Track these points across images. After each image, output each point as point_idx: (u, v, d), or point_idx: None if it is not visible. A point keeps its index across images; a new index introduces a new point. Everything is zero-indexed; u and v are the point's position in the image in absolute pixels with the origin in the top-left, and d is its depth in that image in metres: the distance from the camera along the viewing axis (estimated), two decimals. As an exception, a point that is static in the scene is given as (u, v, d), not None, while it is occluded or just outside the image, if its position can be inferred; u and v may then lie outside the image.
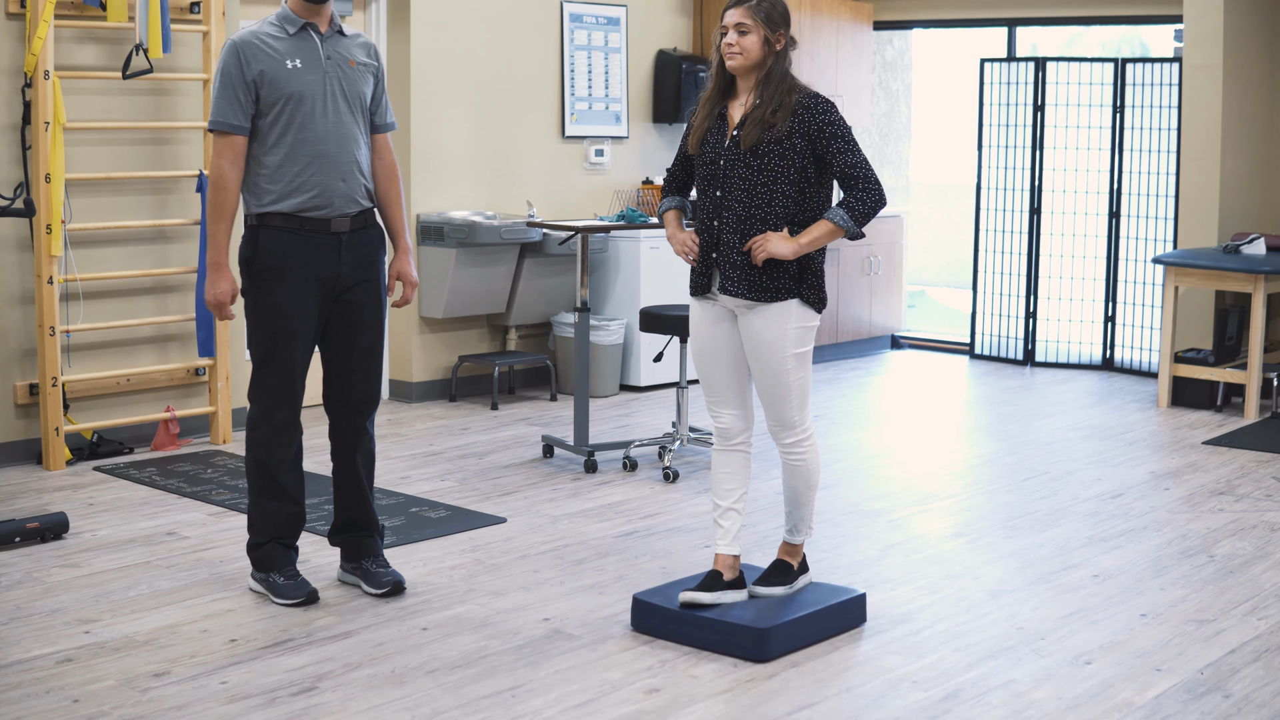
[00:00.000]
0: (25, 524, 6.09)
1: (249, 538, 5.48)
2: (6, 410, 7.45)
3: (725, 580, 5.13)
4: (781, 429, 5.09)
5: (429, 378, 9.44)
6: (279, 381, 5.32)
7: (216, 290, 5.28)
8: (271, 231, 5.22)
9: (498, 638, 5.05)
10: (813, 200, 4.99)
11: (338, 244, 5.30)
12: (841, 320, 11.27)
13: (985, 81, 11.19)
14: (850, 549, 6.19)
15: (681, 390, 7.71)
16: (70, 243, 7.46)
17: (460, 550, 6.12)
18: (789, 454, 5.11)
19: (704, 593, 5.08)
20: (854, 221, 4.89)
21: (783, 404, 5.04)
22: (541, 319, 9.83)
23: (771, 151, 4.90)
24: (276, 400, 5.33)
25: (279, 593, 5.34)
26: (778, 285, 4.95)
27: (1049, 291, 11.06)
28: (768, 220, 4.93)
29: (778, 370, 4.99)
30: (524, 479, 7.38)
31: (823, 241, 4.94)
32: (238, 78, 5.15)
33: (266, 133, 5.21)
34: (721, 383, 5.13)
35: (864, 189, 4.90)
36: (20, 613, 5.27)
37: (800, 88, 4.98)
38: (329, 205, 5.26)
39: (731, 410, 5.12)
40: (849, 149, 4.92)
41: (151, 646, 4.93)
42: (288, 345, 5.28)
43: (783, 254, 4.89)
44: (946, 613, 5.37)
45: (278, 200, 5.21)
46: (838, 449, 8.17)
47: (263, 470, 5.37)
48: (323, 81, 5.24)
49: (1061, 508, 6.90)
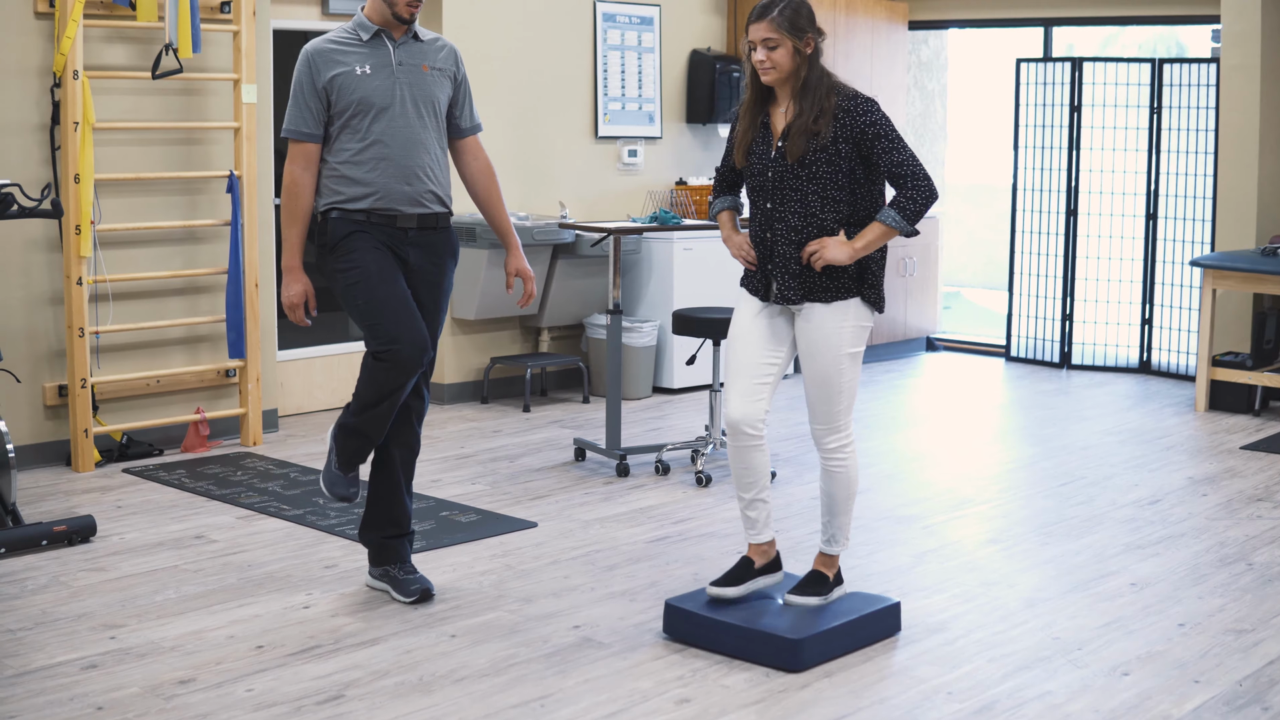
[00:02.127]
0: (52, 527, 6.06)
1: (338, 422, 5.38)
2: (36, 412, 7.42)
3: (757, 567, 5.09)
4: (827, 432, 5.01)
5: (461, 379, 9.39)
6: (394, 317, 5.17)
7: (290, 293, 5.28)
8: (339, 221, 5.26)
9: (527, 645, 4.99)
10: (865, 200, 4.93)
11: (403, 238, 5.31)
12: (877, 322, 11.09)
13: (1021, 82, 11.08)
14: (884, 555, 6.12)
15: (714, 393, 7.64)
16: (99, 243, 7.43)
17: (490, 555, 6.06)
18: (831, 459, 5.04)
19: (731, 587, 5.03)
20: (906, 220, 4.82)
21: (831, 405, 4.97)
22: (574, 320, 9.77)
23: (818, 160, 4.84)
24: (399, 321, 5.16)
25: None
26: (838, 285, 4.91)
27: (1085, 294, 10.95)
28: (823, 227, 4.88)
29: (831, 369, 4.92)
30: (555, 483, 7.32)
31: (878, 243, 4.88)
32: (309, 86, 5.22)
33: (336, 136, 5.26)
34: (752, 367, 4.99)
35: (913, 185, 4.82)
36: (46, 617, 5.23)
37: (839, 88, 4.90)
38: (393, 208, 5.27)
39: (753, 400, 4.96)
40: (894, 146, 4.84)
41: (177, 653, 4.89)
42: (384, 286, 5.19)
43: (840, 260, 4.83)
44: (981, 621, 5.29)
45: (346, 200, 5.26)
46: (873, 453, 8.09)
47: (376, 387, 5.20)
48: (392, 87, 5.25)
49: (1098, 514, 6.81)
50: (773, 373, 5.02)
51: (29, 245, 7.30)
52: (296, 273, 5.27)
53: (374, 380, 5.23)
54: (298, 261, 5.28)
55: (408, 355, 5.17)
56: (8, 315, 7.25)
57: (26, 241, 7.28)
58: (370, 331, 5.22)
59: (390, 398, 5.23)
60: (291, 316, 5.30)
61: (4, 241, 7.17)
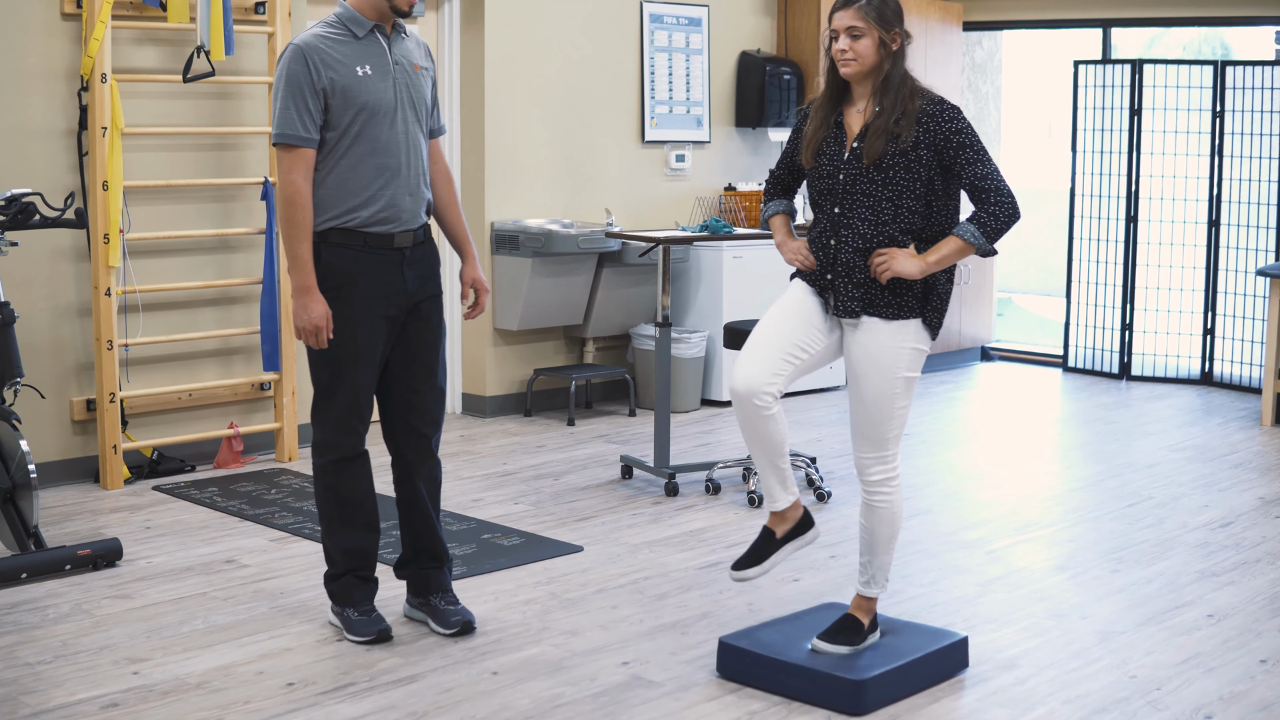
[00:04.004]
0: (76, 551, 5.81)
1: (326, 569, 5.17)
2: (63, 427, 7.18)
3: (779, 537, 4.72)
4: (872, 462, 4.65)
5: (503, 391, 9.12)
6: (347, 407, 4.97)
7: (311, 315, 4.81)
8: (334, 249, 4.87)
9: (573, 684, 4.71)
10: (940, 214, 4.57)
11: (401, 260, 4.95)
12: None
13: (1079, 84, 10.76)
14: (948, 584, 5.81)
15: (765, 409, 7.34)
16: (129, 253, 7.18)
17: (535, 582, 5.78)
18: (875, 493, 4.68)
19: (753, 567, 4.72)
20: (985, 237, 4.48)
21: (881, 430, 4.61)
22: (620, 330, 9.49)
23: (896, 164, 4.49)
24: (344, 427, 4.99)
25: (352, 629, 5.05)
26: (901, 302, 4.55)
27: (1145, 303, 10.61)
28: (892, 238, 4.53)
29: (884, 392, 4.57)
30: (602, 502, 7.03)
31: (951, 260, 4.52)
32: (307, 86, 4.74)
33: (334, 144, 4.83)
34: (781, 342, 4.58)
35: (996, 202, 4.47)
36: (66, 650, 4.97)
37: (922, 91, 4.55)
38: (395, 220, 4.91)
39: (768, 372, 4.54)
40: (979, 159, 4.49)
41: (203, 690, 4.62)
42: (355, 368, 4.92)
43: (909, 273, 4.48)
44: (1054, 658, 4.98)
45: (344, 216, 4.85)
46: (930, 470, 7.79)
47: (335, 498, 5.05)
48: (393, 90, 4.88)
49: (1169, 538, 6.49)
50: (801, 359, 4.61)
51: (56, 255, 7.05)
52: (314, 292, 4.82)
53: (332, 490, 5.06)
54: (313, 280, 4.83)
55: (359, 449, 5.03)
56: (34, 327, 7.00)
57: (53, 251, 7.04)
58: (319, 412, 5.02)
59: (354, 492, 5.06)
60: (310, 341, 4.87)
61: (30, 251, 6.92)
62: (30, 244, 6.93)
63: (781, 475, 4.65)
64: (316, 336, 4.83)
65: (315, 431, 5.05)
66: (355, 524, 5.06)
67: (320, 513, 5.12)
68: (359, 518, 5.06)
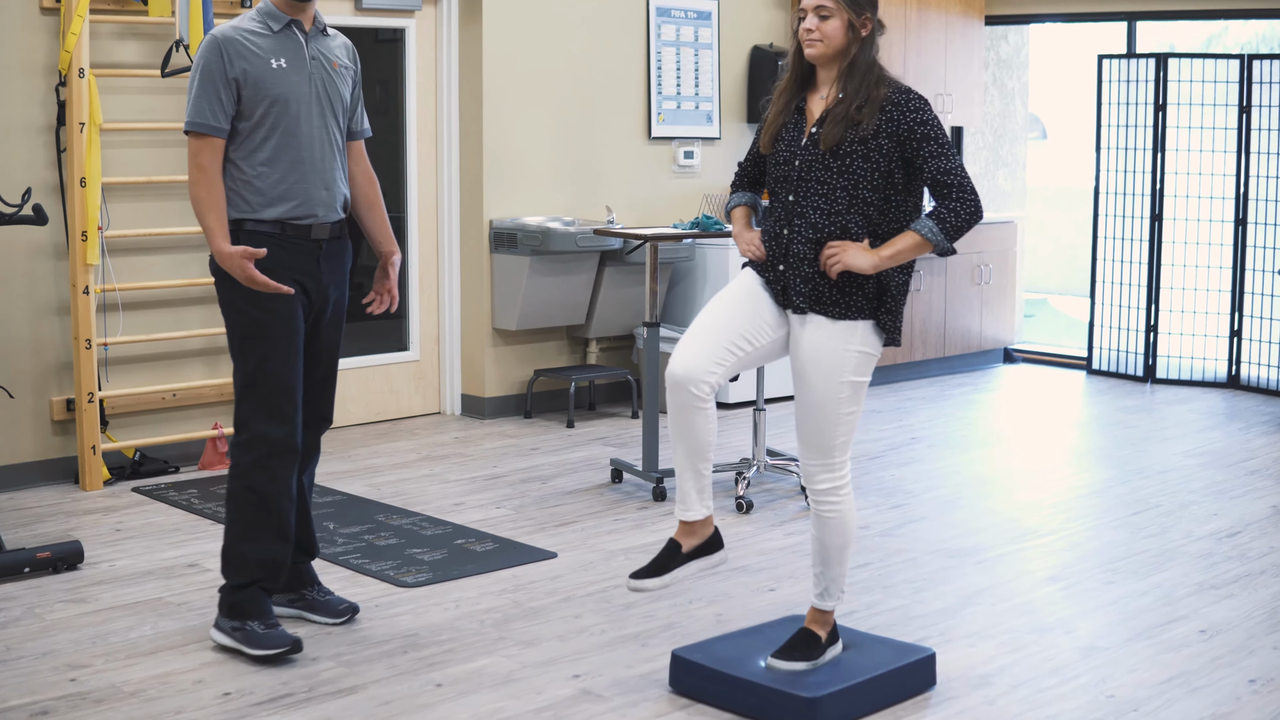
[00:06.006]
0: (36, 553, 5.67)
1: (226, 579, 4.90)
2: (43, 427, 7.05)
3: (685, 551, 4.44)
4: (818, 470, 4.41)
5: (503, 393, 8.95)
6: (274, 394, 4.80)
7: (228, 262, 4.65)
8: (252, 235, 4.74)
9: (518, 698, 4.52)
10: (898, 210, 4.34)
11: (317, 252, 4.85)
12: (950, 332, 10.63)
13: (1103, 79, 10.50)
14: (929, 595, 5.59)
15: (758, 411, 7.15)
16: (108, 250, 7.06)
17: (500, 590, 5.60)
18: (822, 503, 4.45)
19: (651, 579, 4.42)
20: (944, 235, 4.24)
21: (826, 436, 4.37)
22: (624, 331, 9.30)
23: (854, 152, 4.27)
24: (274, 416, 4.80)
25: (257, 643, 4.74)
26: (850, 301, 4.31)
27: (1171, 303, 10.35)
28: (846, 230, 4.29)
29: (828, 396, 4.33)
30: (586, 507, 6.85)
31: (906, 256, 4.29)
32: (220, 75, 4.67)
33: (247, 136, 4.74)
34: (725, 333, 4.34)
35: (958, 199, 4.24)
36: (9, 655, 4.83)
37: (889, 80, 4.33)
38: (311, 215, 4.81)
39: (707, 361, 4.29)
40: (942, 153, 4.26)
41: (137, 699, 4.47)
42: (282, 353, 4.78)
43: (860, 267, 4.24)
44: (1029, 675, 4.75)
45: (259, 209, 4.75)
46: (934, 475, 7.56)
47: (255, 500, 4.83)
48: (308, 84, 4.79)
49: (1171, 548, 6.25)
50: (744, 350, 4.37)
51: (34, 252, 6.93)
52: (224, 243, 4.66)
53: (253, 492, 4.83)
54: (227, 239, 4.67)
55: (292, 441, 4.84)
56: (12, 325, 6.88)
57: (31, 248, 6.91)
58: (244, 405, 4.84)
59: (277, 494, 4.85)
60: (247, 282, 4.66)
61: (6, 248, 6.81)
62: (7, 241, 6.82)
63: (700, 482, 4.41)
64: (246, 273, 4.64)
65: (239, 430, 4.86)
66: (274, 532, 4.86)
67: (233, 517, 4.88)
68: (277, 525, 4.86)
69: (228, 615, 4.84)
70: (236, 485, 4.86)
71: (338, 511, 6.67)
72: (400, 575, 5.74)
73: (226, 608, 4.85)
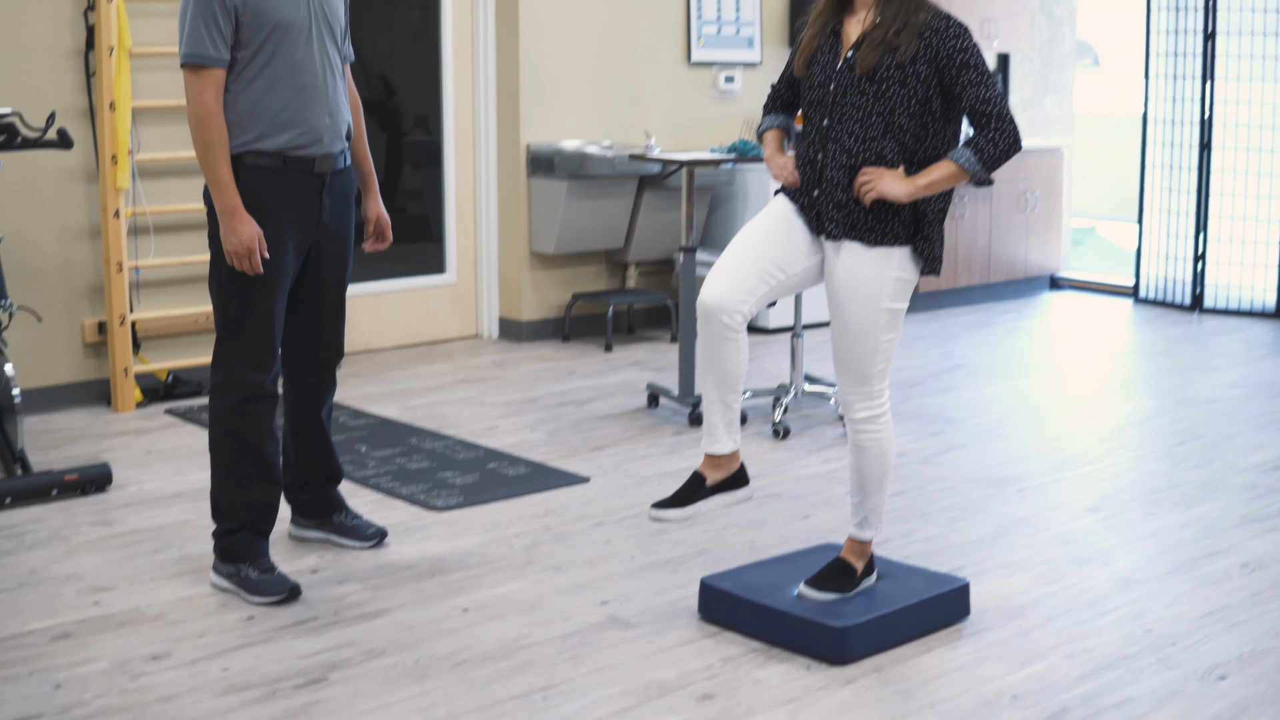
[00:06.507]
0: (64, 476, 5.64)
1: (216, 525, 4.78)
2: (74, 350, 7.02)
3: (710, 484, 4.34)
4: (857, 399, 4.32)
5: (540, 316, 8.87)
6: (257, 342, 4.65)
7: (241, 237, 4.48)
8: (252, 170, 4.57)
9: (544, 624, 4.46)
10: (935, 138, 4.21)
11: (320, 186, 4.69)
12: (995, 259, 10.49)
13: (1152, 6, 10.29)
14: (966, 525, 5.50)
15: (796, 338, 7.04)
16: (139, 174, 7.00)
17: (530, 514, 5.54)
18: (861, 431, 4.35)
19: (674, 509, 4.33)
20: (982, 165, 4.10)
21: (864, 364, 4.26)
22: (664, 255, 9.20)
23: (891, 78, 4.13)
24: (255, 363, 4.65)
25: (254, 589, 4.62)
26: (886, 227, 4.19)
27: (1219, 233, 10.16)
28: (881, 156, 4.17)
29: (866, 323, 4.23)
30: (621, 432, 6.78)
31: (942, 185, 4.16)
32: (218, 4, 4.45)
33: (246, 64, 4.53)
34: (757, 262, 4.22)
35: (996, 128, 4.09)
36: (33, 578, 4.80)
37: (929, 6, 4.18)
38: (316, 143, 4.63)
39: (739, 290, 4.18)
40: (981, 81, 4.11)
41: (160, 622, 4.43)
42: (266, 299, 4.61)
43: (895, 195, 4.12)
44: (1065, 608, 4.66)
45: (259, 139, 4.56)
46: (975, 403, 7.46)
47: (237, 445, 4.68)
48: (306, 8, 4.60)
49: (1214, 479, 6.13)
50: (777, 279, 4.25)
51: (64, 176, 6.87)
52: (241, 213, 4.51)
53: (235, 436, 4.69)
54: (238, 201, 4.51)
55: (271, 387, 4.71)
56: (43, 249, 6.84)
57: (61, 173, 6.86)
58: (224, 348, 4.67)
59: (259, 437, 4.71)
60: (243, 266, 4.54)
61: (38, 173, 6.76)
62: (38, 166, 6.78)
63: (729, 414, 4.31)
64: (250, 259, 4.51)
65: (217, 371, 4.68)
66: (259, 475, 4.73)
67: (218, 462, 4.73)
68: (263, 468, 4.73)
69: (223, 560, 4.73)
70: (218, 431, 4.71)
71: (370, 434, 6.62)
72: (431, 499, 5.69)
73: (220, 552, 4.74)
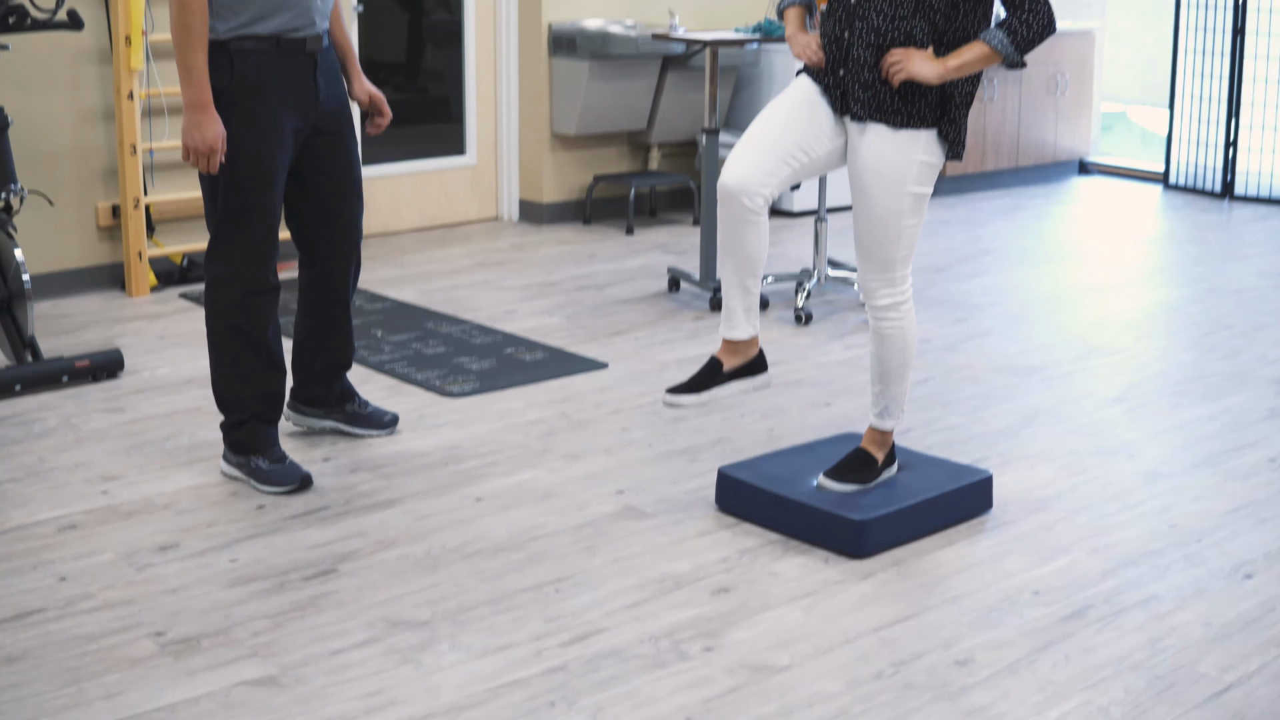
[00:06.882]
0: (74, 362, 5.56)
1: (223, 417, 4.69)
2: (88, 233, 6.93)
3: (726, 370, 4.24)
4: (879, 285, 4.21)
5: (561, 198, 8.75)
6: (257, 234, 4.50)
7: (205, 135, 4.29)
8: (247, 55, 4.39)
9: (559, 513, 4.39)
10: (966, 18, 4.05)
11: (313, 66, 4.53)
12: (1023, 142, 10.31)
13: (1189, -121, 10.05)
14: (990, 414, 5.41)
15: (820, 222, 6.92)
16: (153, 55, 6.85)
17: (547, 401, 5.46)
18: (883, 319, 4.25)
19: (689, 395, 4.23)
20: (1015, 47, 3.96)
21: (887, 250, 4.15)
22: (687, 136, 9.05)
23: None
24: (258, 256, 4.52)
25: (265, 479, 4.55)
26: (913, 109, 4.05)
27: (1252, 119, 9.96)
28: (910, 36, 4.02)
29: (889, 208, 4.10)
30: (640, 316, 6.68)
31: (974, 68, 4.01)
32: None
33: None
34: (780, 142, 4.08)
35: (1030, 9, 3.94)
36: (41, 466, 4.74)
37: None
38: (310, 24, 4.47)
39: (762, 171, 4.05)
40: None
41: (169, 512, 4.37)
42: (267, 190, 4.47)
43: (925, 77, 3.98)
44: (1089, 501, 4.57)
45: (254, 22, 4.37)
46: (1001, 289, 7.33)
47: (239, 338, 4.57)
48: None
49: (1243, 371, 6.02)
50: (800, 161, 4.12)
51: (77, 58, 6.74)
52: (210, 109, 4.31)
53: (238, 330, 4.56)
54: (209, 95, 4.32)
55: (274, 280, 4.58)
56: (56, 132, 6.73)
57: (75, 54, 6.73)
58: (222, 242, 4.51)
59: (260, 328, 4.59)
60: (200, 165, 4.37)
61: (49, 54, 6.63)
62: (51, 48, 6.66)
63: (748, 299, 4.20)
64: (208, 160, 4.34)
65: (217, 265, 4.53)
66: (264, 366, 4.62)
67: (219, 356, 4.61)
68: (267, 358, 4.62)
69: (232, 450, 4.65)
70: (217, 325, 4.58)
71: (386, 318, 6.53)
72: (446, 385, 5.61)
73: (230, 444, 4.66)
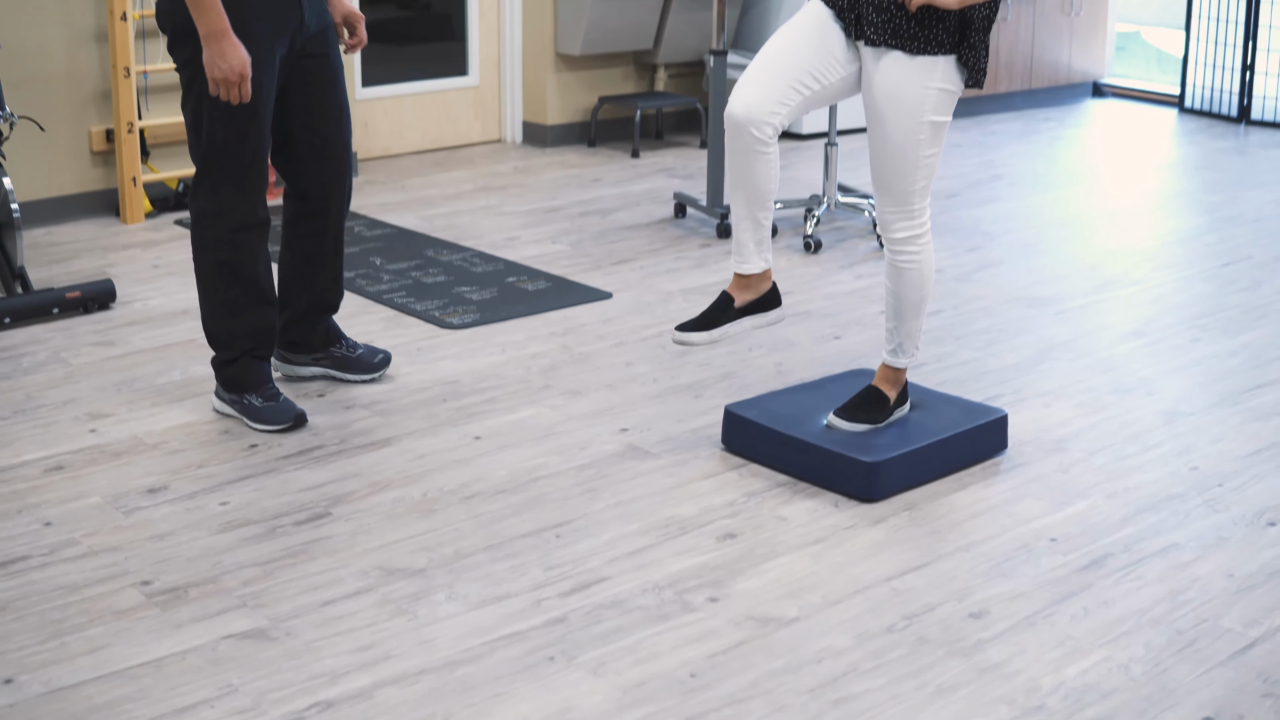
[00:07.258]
0: (65, 294, 5.42)
1: (215, 354, 4.54)
2: (82, 158, 6.76)
3: (737, 306, 4.11)
4: (896, 217, 4.04)
5: (566, 120, 8.57)
6: (245, 166, 4.34)
7: (231, 63, 4.12)
8: None
9: (560, 453, 4.26)
10: None
11: None
12: (1037, 64, 10.10)
13: None
14: (1003, 348, 5.26)
15: (830, 146, 6.75)
16: (145, -29, 6.69)
17: (549, 333, 5.32)
18: (900, 253, 4.09)
19: (698, 332, 4.08)
20: None
21: (904, 181, 3.98)
22: (695, 57, 8.86)
23: None
24: (248, 189, 4.36)
25: (259, 417, 4.42)
26: (931, 35, 3.87)
27: (1269, 42, 9.74)
28: None
29: (907, 137, 3.94)
30: (646, 243, 6.53)
31: None
32: None
33: None
34: (790, 70, 3.91)
35: None
36: (29, 404, 4.60)
37: None
38: None
39: (771, 100, 3.88)
40: None
41: (159, 451, 4.24)
42: (253, 119, 4.29)
43: (944, 2, 3.82)
44: (1107, 441, 4.43)
45: None
46: (1014, 215, 7.17)
47: (229, 274, 4.41)
48: None
49: (1263, 304, 5.86)
50: (811, 89, 3.94)
51: (68, -24, 6.57)
52: (229, 36, 4.12)
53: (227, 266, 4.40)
54: (225, 22, 4.13)
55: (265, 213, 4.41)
56: (48, 55, 6.55)
57: (65, -28, 6.56)
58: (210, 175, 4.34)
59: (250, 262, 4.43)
60: (230, 95, 4.17)
61: (42, -26, 6.47)
62: (38, -40, 6.48)
63: (759, 232, 4.05)
64: (240, 88, 4.16)
65: (204, 199, 4.38)
66: (255, 300, 4.47)
67: (208, 293, 4.46)
68: (258, 293, 4.47)
69: (225, 388, 4.52)
70: (205, 260, 4.43)
71: (385, 246, 6.38)
72: (446, 316, 5.47)
73: (222, 381, 4.52)
